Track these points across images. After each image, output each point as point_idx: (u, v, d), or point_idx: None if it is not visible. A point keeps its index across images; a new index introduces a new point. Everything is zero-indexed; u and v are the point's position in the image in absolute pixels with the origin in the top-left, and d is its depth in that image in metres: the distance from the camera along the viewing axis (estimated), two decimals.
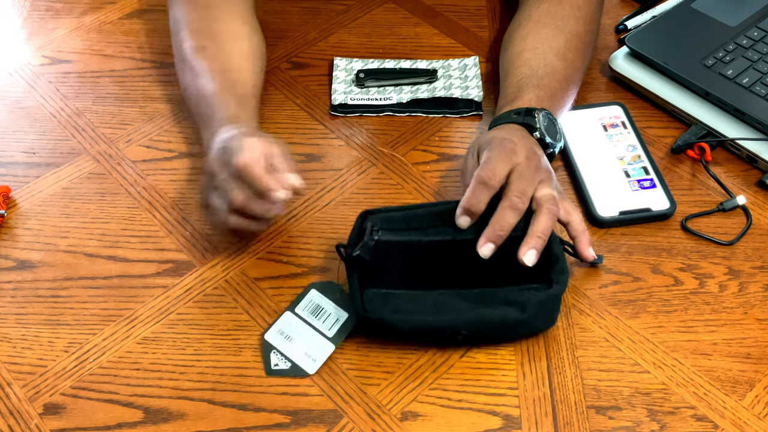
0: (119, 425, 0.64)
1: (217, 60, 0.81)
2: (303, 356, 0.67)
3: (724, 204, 0.78)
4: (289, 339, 0.68)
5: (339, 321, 0.68)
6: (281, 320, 0.69)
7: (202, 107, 0.79)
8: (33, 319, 0.71)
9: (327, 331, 0.68)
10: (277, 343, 0.68)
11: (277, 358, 0.67)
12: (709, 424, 0.63)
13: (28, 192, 0.81)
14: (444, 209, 0.67)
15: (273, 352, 0.67)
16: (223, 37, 0.83)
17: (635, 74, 0.88)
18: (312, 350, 0.67)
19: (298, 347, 0.67)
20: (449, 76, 0.90)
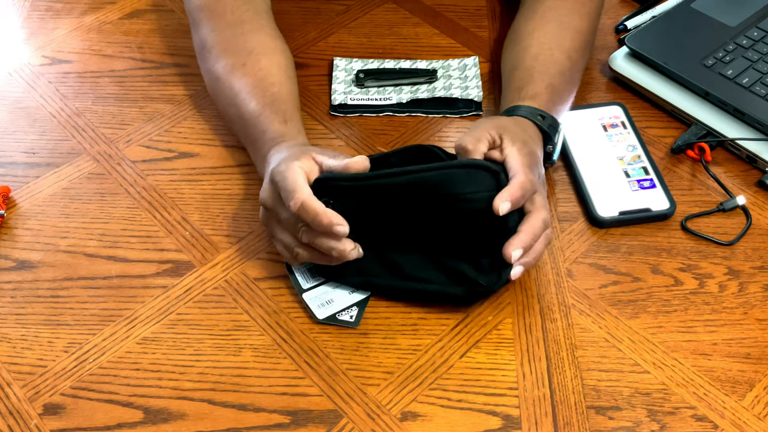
0: (119, 425, 0.64)
1: (256, 77, 0.78)
2: (349, 296, 0.71)
3: (724, 204, 0.78)
4: (330, 303, 0.70)
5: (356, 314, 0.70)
6: (309, 301, 0.71)
7: (247, 129, 0.77)
8: (33, 319, 0.71)
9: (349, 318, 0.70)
10: (331, 310, 0.70)
11: (345, 315, 0.70)
12: (709, 424, 0.63)
13: (28, 192, 0.81)
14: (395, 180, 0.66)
15: (339, 314, 0.70)
16: (258, 53, 0.80)
17: (635, 74, 0.88)
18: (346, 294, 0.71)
19: (342, 298, 0.71)
20: (449, 76, 0.90)
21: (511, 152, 0.68)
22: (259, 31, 0.83)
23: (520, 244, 0.66)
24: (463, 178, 0.65)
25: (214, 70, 0.81)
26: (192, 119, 0.88)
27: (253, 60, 0.80)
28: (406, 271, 0.70)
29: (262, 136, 0.75)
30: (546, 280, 0.73)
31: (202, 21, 0.83)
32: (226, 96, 0.80)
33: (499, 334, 0.69)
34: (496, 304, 0.71)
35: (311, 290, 0.71)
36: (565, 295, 0.72)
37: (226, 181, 0.81)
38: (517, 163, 0.67)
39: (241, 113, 0.78)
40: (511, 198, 0.65)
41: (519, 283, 0.72)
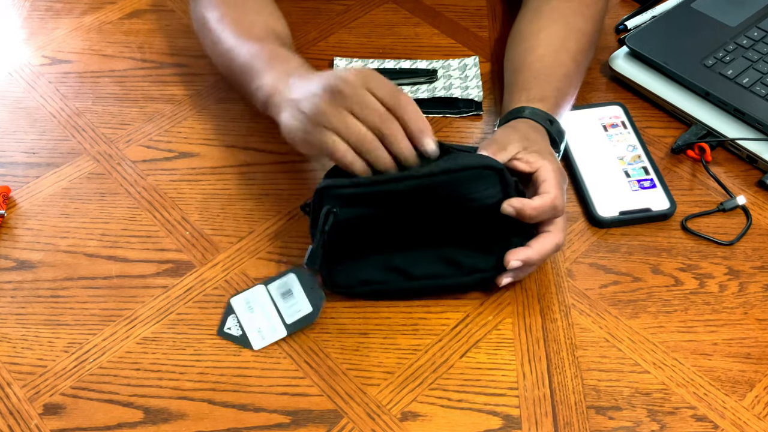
0: (119, 425, 0.64)
1: (263, 26, 0.80)
2: (255, 331, 0.68)
3: (724, 204, 0.78)
4: (250, 310, 0.69)
5: (301, 312, 0.69)
6: (252, 291, 0.71)
7: (261, 58, 0.74)
8: (33, 319, 0.71)
9: (287, 316, 0.69)
10: (239, 310, 0.69)
11: (232, 322, 0.69)
12: (709, 424, 0.63)
13: (28, 192, 0.81)
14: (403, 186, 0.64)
15: (231, 316, 0.69)
16: (256, 11, 0.82)
17: (635, 74, 0.88)
18: (265, 329, 0.69)
19: (255, 321, 0.69)
20: (449, 76, 0.90)
21: (545, 167, 0.68)
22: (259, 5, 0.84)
23: (524, 256, 0.66)
24: (469, 179, 0.65)
25: (206, 17, 0.82)
26: (192, 119, 0.88)
27: (262, 17, 0.81)
28: (414, 273, 0.69)
29: (288, 62, 0.73)
30: (546, 280, 0.73)
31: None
32: (226, 40, 0.79)
33: (499, 334, 0.69)
34: (496, 304, 0.71)
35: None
36: (565, 295, 0.72)
37: (226, 181, 0.81)
38: (552, 183, 0.67)
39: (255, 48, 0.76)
40: (537, 211, 0.65)
41: (519, 283, 0.72)
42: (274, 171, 0.82)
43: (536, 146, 0.70)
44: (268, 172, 0.82)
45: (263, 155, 0.83)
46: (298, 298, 0.69)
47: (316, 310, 0.68)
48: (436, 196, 0.65)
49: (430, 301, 0.71)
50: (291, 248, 0.75)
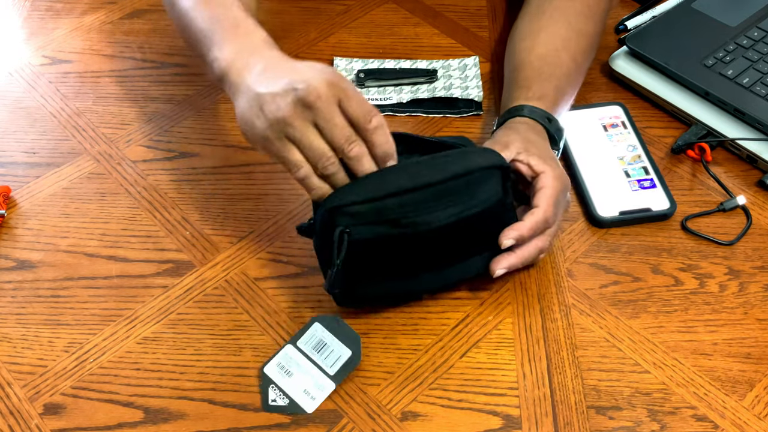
0: (119, 425, 0.64)
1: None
2: (302, 393, 0.65)
3: (724, 204, 0.78)
4: (288, 374, 0.65)
5: (341, 359, 0.66)
6: (282, 353, 0.66)
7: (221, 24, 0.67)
8: (33, 319, 0.71)
9: (329, 368, 0.65)
10: (276, 377, 0.65)
11: (275, 393, 0.65)
12: (709, 424, 0.63)
13: (28, 192, 0.81)
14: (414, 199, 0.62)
15: (271, 387, 0.65)
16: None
17: (635, 74, 0.88)
18: (311, 387, 0.65)
19: (298, 383, 0.65)
20: (449, 76, 0.90)
21: (546, 174, 0.68)
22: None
23: (506, 264, 0.67)
24: (482, 180, 0.64)
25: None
26: (192, 119, 0.88)
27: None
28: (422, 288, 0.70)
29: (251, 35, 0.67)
30: (546, 280, 0.73)
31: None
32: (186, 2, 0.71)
33: (499, 333, 0.69)
34: (496, 304, 0.71)
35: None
36: (565, 295, 0.72)
37: (226, 181, 0.81)
38: (546, 194, 0.67)
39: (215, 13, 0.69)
40: (519, 236, 0.66)
41: (519, 283, 0.72)
42: (274, 171, 0.82)
43: (536, 149, 0.70)
44: (268, 172, 0.82)
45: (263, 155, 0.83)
46: (332, 345, 0.66)
47: (357, 351, 0.66)
48: (449, 203, 0.63)
49: (430, 301, 0.71)
50: (291, 248, 0.75)
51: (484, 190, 0.65)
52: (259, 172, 0.82)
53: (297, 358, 0.66)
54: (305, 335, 0.67)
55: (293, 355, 0.66)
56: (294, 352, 0.67)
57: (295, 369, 0.66)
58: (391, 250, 0.64)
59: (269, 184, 0.81)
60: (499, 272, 0.67)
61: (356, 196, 0.61)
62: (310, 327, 0.68)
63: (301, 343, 0.67)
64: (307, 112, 0.59)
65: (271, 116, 0.60)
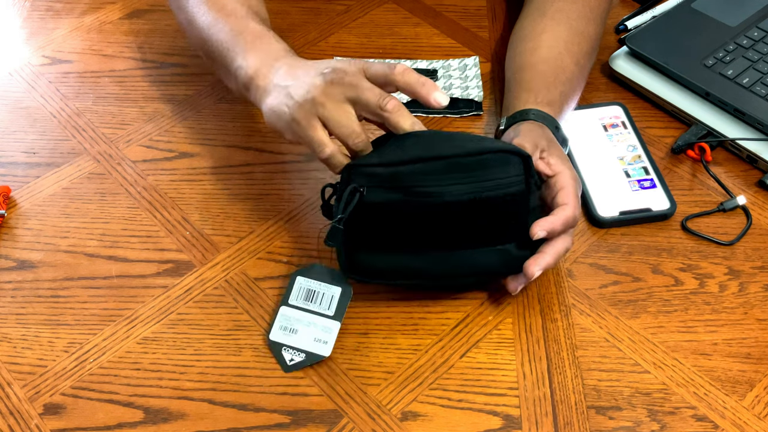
0: (119, 425, 0.64)
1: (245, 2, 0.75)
2: (313, 342, 0.67)
3: (724, 204, 0.78)
4: (294, 332, 0.68)
5: (335, 297, 0.68)
6: (279, 316, 0.69)
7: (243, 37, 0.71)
8: (33, 319, 0.71)
9: (327, 310, 0.68)
10: (284, 339, 0.68)
11: (289, 354, 0.67)
12: (709, 424, 0.63)
13: (28, 192, 0.81)
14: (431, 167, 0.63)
15: (284, 349, 0.67)
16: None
17: (635, 74, 0.88)
18: (320, 334, 0.67)
19: (306, 336, 0.67)
20: (449, 76, 0.90)
21: (565, 174, 0.68)
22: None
23: (543, 263, 0.66)
24: (496, 163, 0.64)
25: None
26: (192, 119, 0.88)
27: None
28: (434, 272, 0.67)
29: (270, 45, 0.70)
30: (546, 280, 0.73)
31: None
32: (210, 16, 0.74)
33: (499, 334, 0.69)
34: (496, 304, 0.71)
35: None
36: (565, 295, 0.72)
37: (226, 181, 0.81)
38: (571, 193, 0.68)
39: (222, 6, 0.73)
40: (552, 229, 0.65)
41: None
42: (274, 171, 0.82)
43: (556, 150, 0.71)
44: (268, 172, 0.82)
45: (263, 155, 0.83)
46: (321, 289, 0.69)
47: (346, 286, 0.69)
48: (462, 179, 0.63)
49: (430, 301, 0.71)
50: (291, 248, 0.75)
51: (501, 175, 0.64)
52: (259, 172, 0.82)
53: (294, 314, 0.69)
54: (293, 292, 0.69)
55: (290, 313, 0.69)
56: (290, 311, 0.69)
57: (298, 325, 0.68)
58: (400, 219, 0.64)
59: (269, 184, 0.81)
60: (537, 273, 0.65)
61: (375, 158, 0.63)
62: (294, 283, 0.70)
63: (292, 300, 0.69)
64: (336, 89, 0.62)
65: (301, 99, 0.63)
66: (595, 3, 0.84)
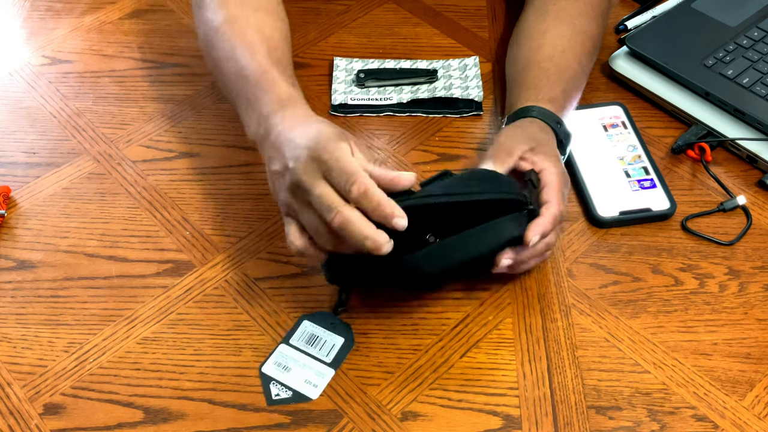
0: (119, 425, 0.64)
1: (262, 34, 0.74)
2: (303, 383, 0.66)
3: (724, 204, 0.78)
4: (286, 369, 0.66)
5: (336, 346, 0.67)
6: (276, 353, 0.67)
7: (247, 86, 0.71)
8: (33, 319, 0.71)
9: (325, 357, 0.67)
10: (275, 374, 0.66)
11: (277, 388, 0.65)
12: (709, 424, 0.63)
13: (28, 192, 0.81)
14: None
15: (272, 383, 0.66)
16: (263, 11, 0.77)
17: (635, 74, 0.88)
18: (312, 377, 0.66)
19: (298, 376, 0.66)
20: (449, 76, 0.90)
21: (548, 171, 0.69)
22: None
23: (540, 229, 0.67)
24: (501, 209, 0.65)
25: (212, 20, 0.76)
26: (192, 119, 0.88)
27: (258, 17, 0.76)
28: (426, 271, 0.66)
29: (266, 95, 0.69)
30: (546, 280, 0.73)
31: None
32: (223, 48, 0.74)
33: (499, 333, 0.69)
34: (496, 304, 0.71)
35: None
36: (565, 295, 0.72)
37: (226, 181, 0.81)
38: (554, 189, 0.68)
39: (241, 68, 0.72)
40: (544, 231, 0.66)
41: (519, 283, 0.72)
42: None
43: (544, 147, 0.71)
44: None
45: None
46: (324, 336, 0.68)
47: (350, 337, 0.68)
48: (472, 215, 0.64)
49: (430, 301, 0.71)
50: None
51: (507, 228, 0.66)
52: (259, 172, 0.82)
53: (292, 354, 0.67)
54: (296, 333, 0.69)
55: (288, 352, 0.68)
56: (288, 350, 0.68)
57: (292, 364, 0.67)
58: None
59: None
60: (505, 262, 0.67)
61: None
62: (300, 324, 0.69)
63: (293, 341, 0.68)
64: (298, 191, 0.62)
65: (279, 201, 0.66)
66: (597, 2, 0.84)
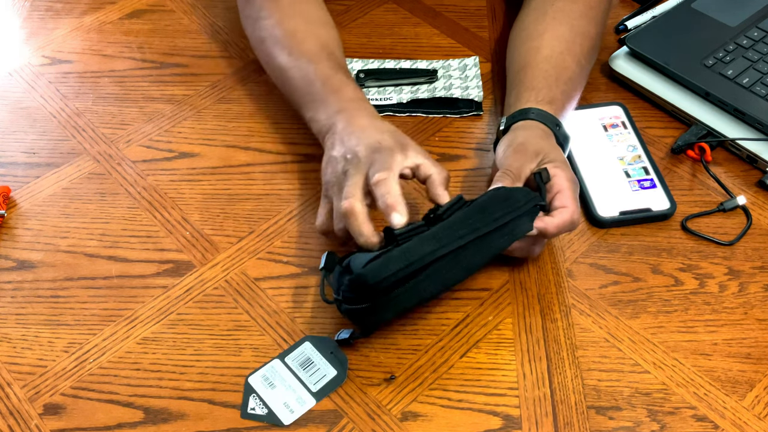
0: (119, 425, 0.64)
1: (319, 42, 0.81)
2: (281, 406, 0.64)
3: (724, 204, 0.78)
4: (271, 386, 0.66)
5: (326, 377, 0.66)
6: (268, 366, 0.67)
7: (314, 88, 0.77)
8: (33, 319, 0.71)
9: (312, 385, 0.66)
10: (259, 387, 0.65)
11: (254, 402, 0.65)
12: (709, 424, 0.63)
13: (28, 192, 0.81)
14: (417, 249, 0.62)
15: (252, 396, 0.65)
16: (316, 22, 0.83)
17: (635, 74, 0.88)
18: (292, 401, 0.65)
19: (279, 396, 0.65)
20: (449, 76, 0.90)
21: (560, 176, 0.69)
22: (314, 2, 0.86)
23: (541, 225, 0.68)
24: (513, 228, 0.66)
25: (272, 34, 0.82)
26: (192, 119, 0.88)
27: (313, 28, 0.82)
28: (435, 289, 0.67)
29: (335, 95, 0.76)
30: (546, 280, 0.73)
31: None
32: (285, 57, 0.80)
33: (499, 334, 0.69)
34: (496, 304, 0.71)
35: None
36: (565, 295, 0.72)
37: (226, 181, 0.81)
38: (569, 194, 0.69)
39: (305, 73, 0.78)
40: (558, 229, 0.68)
41: (519, 283, 0.72)
42: (274, 171, 0.82)
43: (550, 155, 0.71)
44: (268, 172, 0.82)
45: (263, 155, 0.83)
46: (319, 364, 0.67)
47: (342, 372, 0.66)
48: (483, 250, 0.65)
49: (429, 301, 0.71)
50: (291, 248, 0.75)
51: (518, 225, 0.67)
52: (259, 172, 0.82)
53: (282, 372, 0.67)
54: (294, 352, 0.68)
55: (279, 369, 0.67)
56: (280, 367, 0.67)
57: (279, 382, 0.66)
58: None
59: (269, 184, 0.81)
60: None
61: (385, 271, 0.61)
62: (300, 345, 0.68)
63: (288, 359, 0.67)
64: (342, 177, 0.68)
65: (325, 176, 0.71)
66: (596, 2, 0.84)
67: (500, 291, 0.72)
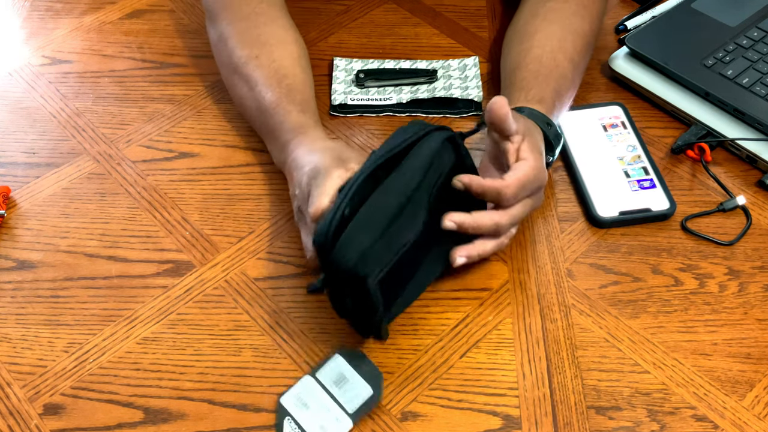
0: (119, 425, 0.64)
1: (270, 68, 0.80)
2: (318, 429, 0.62)
3: (724, 204, 0.78)
4: (305, 406, 0.63)
5: (361, 396, 0.63)
6: (300, 384, 0.65)
7: (265, 119, 0.78)
8: (33, 319, 0.71)
9: (347, 405, 0.63)
10: (293, 409, 0.63)
11: (290, 426, 0.62)
12: (709, 424, 0.63)
13: (28, 192, 0.81)
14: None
15: (287, 420, 0.63)
16: (272, 44, 0.82)
17: (635, 74, 0.88)
18: (328, 423, 0.62)
19: (314, 418, 0.63)
20: (449, 76, 0.90)
21: (524, 163, 0.68)
22: (273, 23, 0.84)
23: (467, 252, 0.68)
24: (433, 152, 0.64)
25: (231, 62, 0.82)
26: (192, 119, 0.88)
27: (266, 52, 0.81)
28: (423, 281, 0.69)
29: (281, 126, 0.76)
30: (546, 280, 0.73)
31: (219, 14, 0.85)
32: (241, 88, 0.81)
33: (499, 334, 0.69)
34: (496, 304, 0.71)
35: None
36: (565, 295, 0.72)
37: (226, 181, 0.81)
38: (517, 175, 0.67)
39: (258, 104, 0.79)
40: (483, 189, 0.65)
41: (519, 283, 0.73)
42: (274, 171, 0.82)
43: (531, 139, 0.70)
44: (268, 172, 0.82)
45: (263, 155, 0.83)
46: (353, 381, 0.64)
47: (378, 391, 0.64)
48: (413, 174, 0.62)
49: (430, 301, 0.71)
50: (291, 248, 0.75)
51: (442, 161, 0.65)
52: (259, 172, 0.82)
53: (316, 390, 0.64)
54: (325, 367, 0.65)
55: (312, 387, 0.64)
56: (313, 384, 0.65)
57: (313, 402, 0.64)
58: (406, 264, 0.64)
59: (269, 184, 0.81)
60: (459, 261, 0.67)
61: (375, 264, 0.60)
62: (332, 359, 0.66)
63: (320, 375, 0.65)
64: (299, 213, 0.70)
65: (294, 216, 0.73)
66: (589, 1, 0.84)
67: (500, 291, 0.72)
